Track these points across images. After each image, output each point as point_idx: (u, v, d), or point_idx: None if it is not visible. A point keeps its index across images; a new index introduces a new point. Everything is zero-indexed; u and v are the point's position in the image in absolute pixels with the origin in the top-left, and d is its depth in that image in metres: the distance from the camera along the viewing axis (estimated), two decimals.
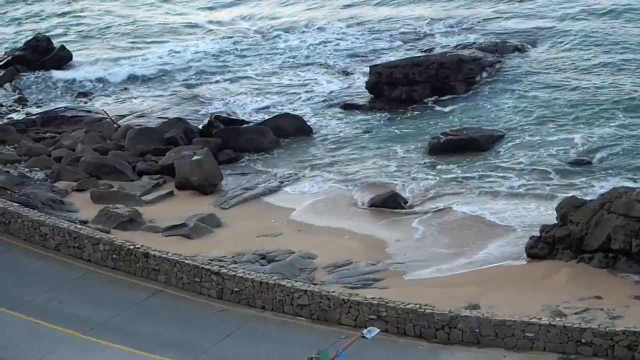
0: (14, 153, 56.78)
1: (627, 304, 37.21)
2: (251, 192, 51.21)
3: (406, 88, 64.04)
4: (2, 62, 76.11)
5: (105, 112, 65.06)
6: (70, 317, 35.52)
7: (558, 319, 34.28)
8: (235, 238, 44.71)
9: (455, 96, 63.84)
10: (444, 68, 65.31)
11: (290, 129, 59.82)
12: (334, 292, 35.91)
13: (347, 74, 70.80)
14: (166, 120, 61.07)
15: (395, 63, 66.42)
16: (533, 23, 77.29)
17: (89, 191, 50.23)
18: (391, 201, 48.61)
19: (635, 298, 37.82)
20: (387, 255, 43.36)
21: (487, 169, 52.71)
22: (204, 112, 64.58)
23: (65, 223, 41.26)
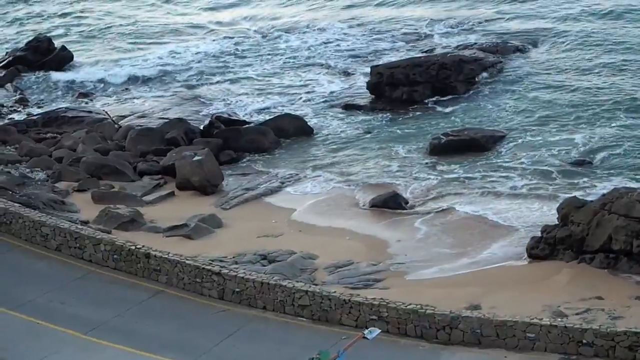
0: (15, 153, 56.74)
1: (628, 304, 37.20)
2: (252, 193, 51.19)
3: (407, 88, 64.03)
4: (4, 63, 76.10)
5: (106, 112, 65.03)
6: (72, 317, 35.52)
7: (559, 319, 34.26)
8: (236, 238, 44.70)
9: (456, 96, 63.83)
10: (445, 68, 65.29)
11: (291, 130, 59.79)
12: (335, 292, 35.88)
13: (348, 74, 70.74)
14: (167, 120, 60.98)
15: (396, 63, 66.39)
16: (534, 24, 77.26)
17: (90, 191, 50.20)
18: (392, 201, 48.58)
19: (637, 298, 37.79)
20: (388, 255, 43.33)
21: (488, 169, 52.67)
22: (205, 112, 64.47)
23: (67, 223, 41.26)
